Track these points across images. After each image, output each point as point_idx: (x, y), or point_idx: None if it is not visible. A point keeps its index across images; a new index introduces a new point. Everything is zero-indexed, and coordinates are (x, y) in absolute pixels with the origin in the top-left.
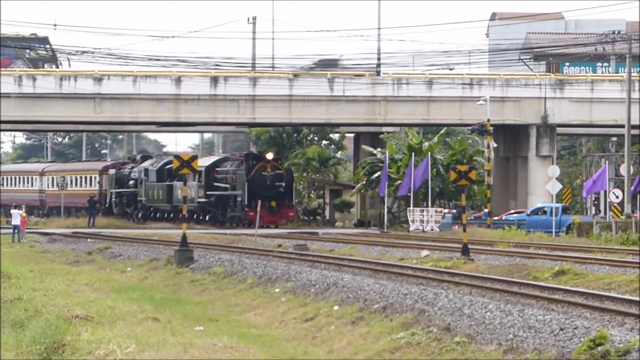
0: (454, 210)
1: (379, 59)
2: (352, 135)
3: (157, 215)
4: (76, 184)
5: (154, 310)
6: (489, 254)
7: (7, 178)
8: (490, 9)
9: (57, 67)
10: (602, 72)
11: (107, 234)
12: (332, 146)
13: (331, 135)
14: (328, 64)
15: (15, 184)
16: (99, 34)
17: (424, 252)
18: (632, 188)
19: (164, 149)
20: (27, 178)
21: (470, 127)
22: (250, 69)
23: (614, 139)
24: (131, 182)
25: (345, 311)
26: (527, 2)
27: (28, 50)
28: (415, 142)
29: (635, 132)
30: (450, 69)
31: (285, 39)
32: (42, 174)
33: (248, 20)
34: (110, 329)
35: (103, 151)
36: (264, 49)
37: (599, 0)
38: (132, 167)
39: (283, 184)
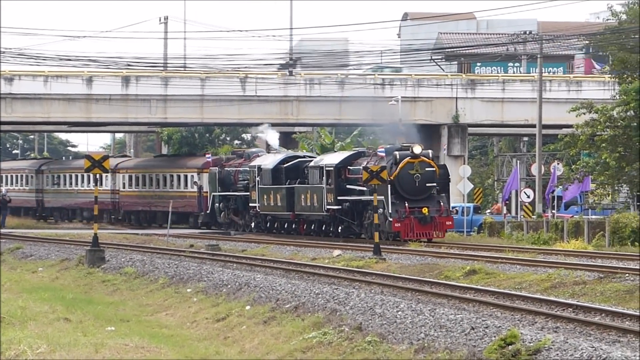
0: None
1: (291, 59)
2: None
3: (276, 225)
4: (170, 185)
5: (65, 310)
6: (401, 253)
7: (74, 175)
8: (401, 9)
9: None
10: (514, 72)
11: (18, 234)
12: (245, 146)
13: (243, 135)
14: None
15: (78, 184)
16: (9, 34)
17: (336, 252)
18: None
19: (75, 149)
20: (99, 176)
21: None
22: (162, 69)
23: (525, 138)
24: (240, 183)
25: (257, 311)
26: (439, 2)
27: None
28: (328, 142)
29: (546, 132)
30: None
31: (197, 39)
32: (114, 171)
33: (160, 20)
34: (21, 329)
35: (14, 151)
36: (175, 49)
37: (510, 0)
38: (240, 165)
39: (436, 185)
